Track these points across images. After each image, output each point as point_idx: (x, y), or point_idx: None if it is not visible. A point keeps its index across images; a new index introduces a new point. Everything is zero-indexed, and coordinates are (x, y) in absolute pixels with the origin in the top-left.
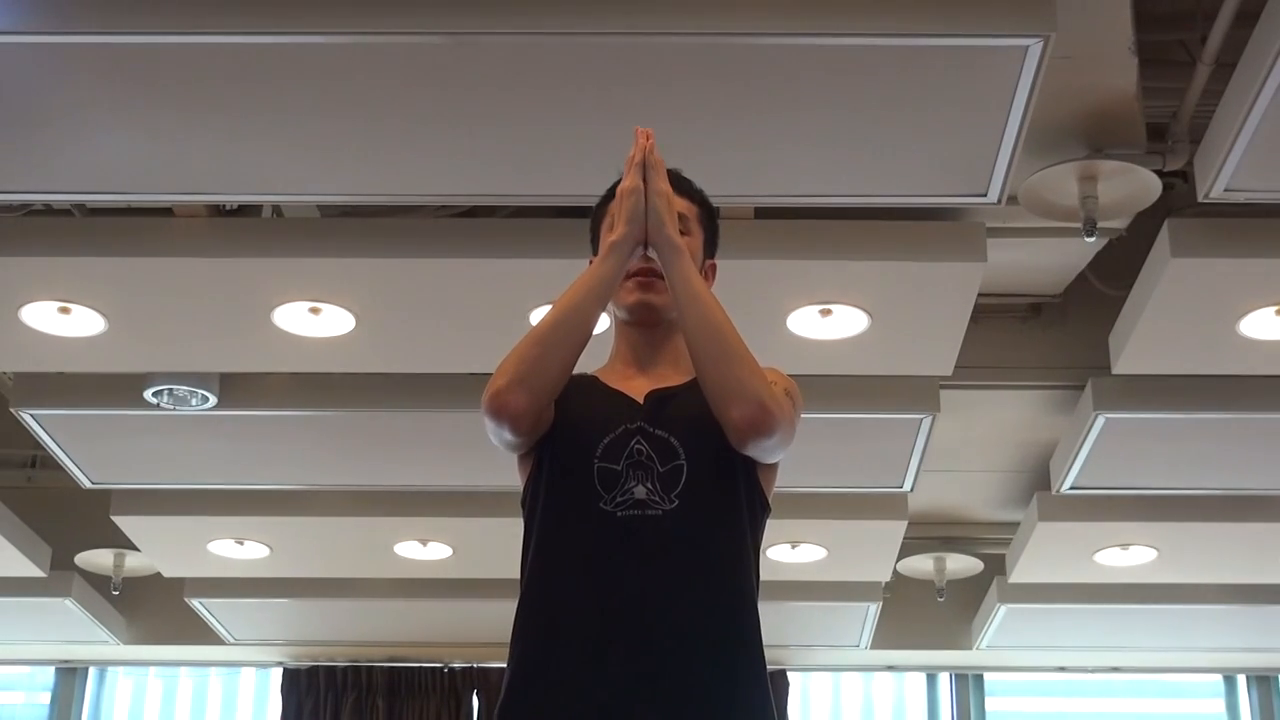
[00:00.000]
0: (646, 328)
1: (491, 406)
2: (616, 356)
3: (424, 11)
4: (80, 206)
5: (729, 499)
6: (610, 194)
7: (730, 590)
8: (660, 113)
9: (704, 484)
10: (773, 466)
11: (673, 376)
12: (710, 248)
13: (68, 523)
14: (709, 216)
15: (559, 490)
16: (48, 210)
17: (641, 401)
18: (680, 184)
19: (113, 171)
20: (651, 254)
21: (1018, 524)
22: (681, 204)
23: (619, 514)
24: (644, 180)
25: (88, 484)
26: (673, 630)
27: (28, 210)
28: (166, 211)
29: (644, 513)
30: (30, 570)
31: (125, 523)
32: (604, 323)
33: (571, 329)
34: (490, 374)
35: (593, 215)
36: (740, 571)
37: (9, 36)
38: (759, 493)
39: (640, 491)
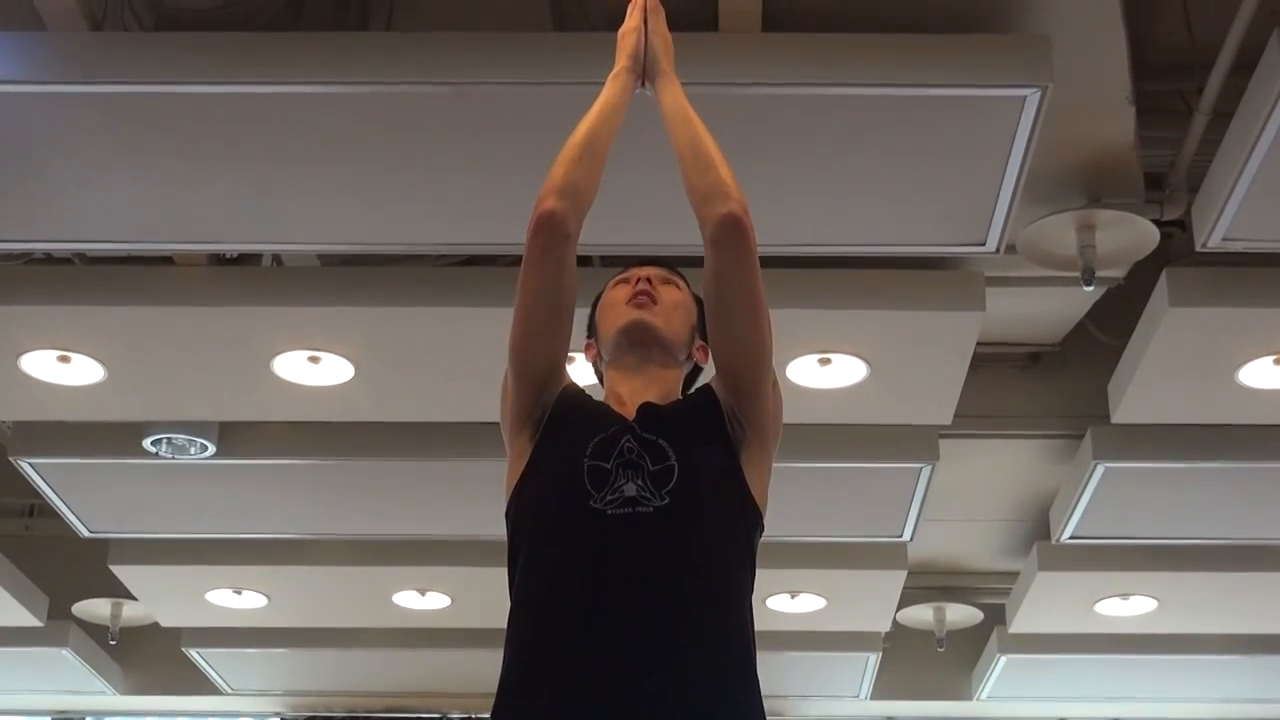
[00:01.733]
0: (638, 351)
1: (532, 223)
2: (608, 397)
3: (424, 61)
4: (80, 255)
5: (721, 499)
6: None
7: (723, 589)
8: (658, 162)
9: (695, 484)
10: (762, 469)
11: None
12: (700, 331)
13: (65, 572)
14: (699, 303)
15: (548, 490)
16: (48, 259)
17: (632, 417)
18: (672, 269)
19: (113, 220)
20: (650, 278)
21: (1018, 574)
22: (675, 278)
23: (609, 512)
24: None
25: (85, 533)
26: (664, 627)
27: (28, 259)
28: (167, 260)
29: (634, 510)
30: (27, 620)
31: (123, 572)
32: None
33: (588, 146)
34: (488, 422)
35: (594, 302)
36: (733, 572)
37: (10, 86)
38: (750, 499)
39: (630, 489)
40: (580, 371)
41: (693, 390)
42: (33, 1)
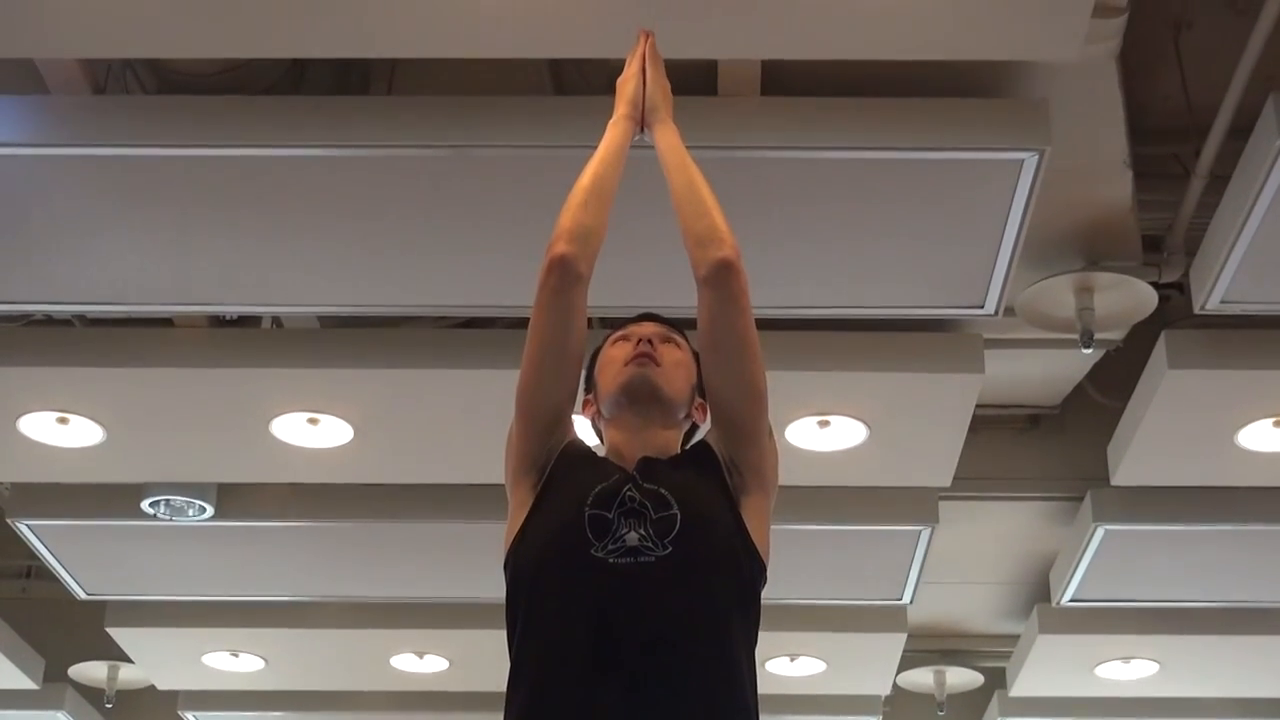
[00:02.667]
0: (639, 409)
1: (544, 267)
2: (608, 454)
3: (425, 125)
4: (80, 317)
5: (724, 547)
6: (609, 335)
7: (726, 638)
8: (658, 225)
9: (697, 532)
10: (763, 518)
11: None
12: (700, 390)
13: (62, 634)
14: (698, 359)
15: (549, 539)
16: (48, 321)
17: (633, 468)
18: (672, 326)
19: (113, 282)
20: (651, 339)
21: (1018, 637)
22: (675, 336)
23: (611, 560)
24: (644, 71)
25: (83, 595)
26: (667, 676)
27: (28, 320)
28: (167, 322)
29: (637, 560)
30: (23, 682)
31: (120, 634)
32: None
33: (594, 191)
34: (488, 484)
35: (592, 356)
36: (736, 621)
37: (10, 148)
38: (753, 547)
39: (632, 538)
40: (581, 432)
41: (690, 445)
42: (36, 65)
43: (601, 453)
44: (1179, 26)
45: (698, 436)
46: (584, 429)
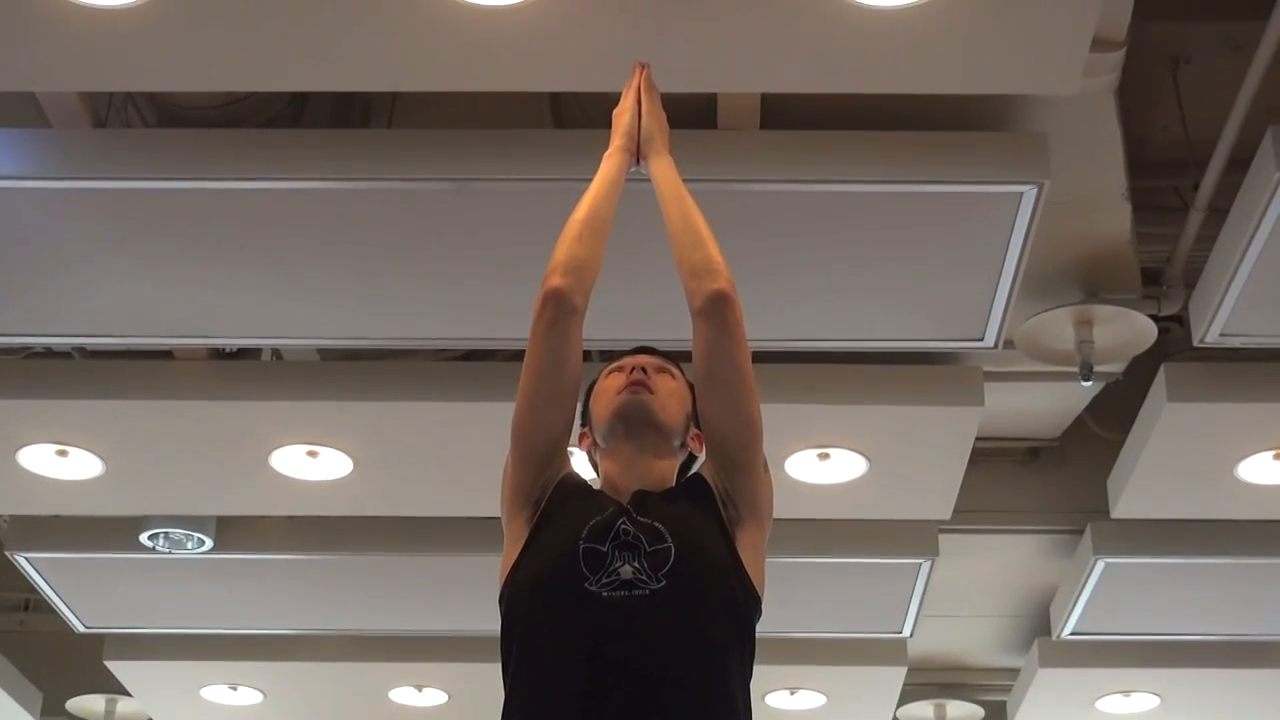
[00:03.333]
0: (634, 436)
1: (539, 299)
2: (604, 486)
3: (425, 158)
4: (80, 349)
5: (718, 580)
6: (605, 368)
7: (721, 672)
8: (657, 258)
9: (692, 566)
10: (758, 550)
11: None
12: (696, 420)
13: (60, 668)
14: (693, 391)
15: (543, 572)
16: (48, 353)
17: (627, 501)
18: (667, 358)
19: (113, 315)
20: (645, 368)
21: (1018, 670)
22: (669, 367)
23: (605, 594)
24: (639, 103)
25: (81, 628)
26: (662, 710)
27: (28, 353)
28: (166, 354)
29: (631, 593)
30: (20, 716)
31: (118, 668)
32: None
33: (589, 223)
34: (487, 517)
35: (587, 390)
36: (731, 655)
37: (11, 181)
38: (748, 580)
39: (627, 571)
40: (579, 465)
41: (685, 478)
42: (37, 98)
43: (597, 486)
44: (1177, 60)
45: (694, 468)
46: (581, 463)
